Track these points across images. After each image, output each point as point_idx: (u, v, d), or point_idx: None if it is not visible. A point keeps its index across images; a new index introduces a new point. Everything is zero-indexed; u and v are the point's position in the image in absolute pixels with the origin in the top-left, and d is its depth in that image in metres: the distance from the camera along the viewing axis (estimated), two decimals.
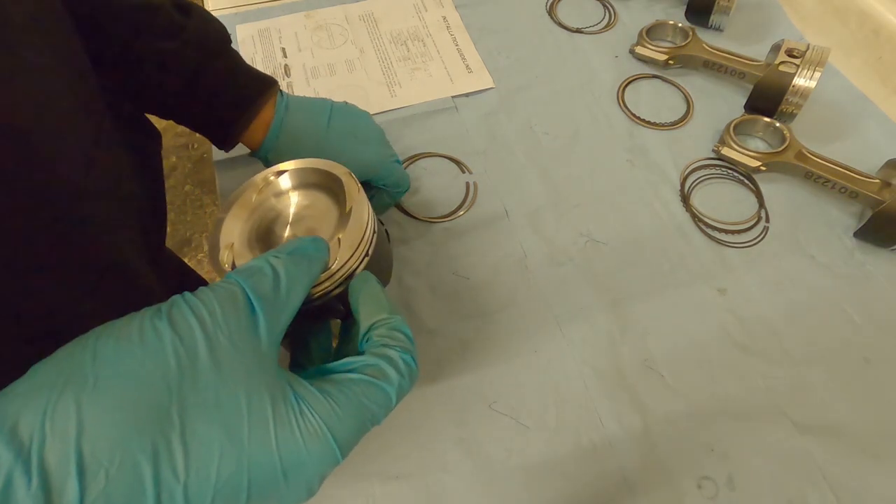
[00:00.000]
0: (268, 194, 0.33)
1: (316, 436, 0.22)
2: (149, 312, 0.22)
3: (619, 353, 0.46)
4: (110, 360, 0.21)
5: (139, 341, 0.21)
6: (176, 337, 0.21)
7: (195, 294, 0.23)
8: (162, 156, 0.46)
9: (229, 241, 0.30)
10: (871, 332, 0.47)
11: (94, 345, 0.21)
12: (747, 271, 0.50)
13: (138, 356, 0.21)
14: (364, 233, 0.30)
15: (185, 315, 0.22)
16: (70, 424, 0.19)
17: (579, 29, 0.69)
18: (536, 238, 0.52)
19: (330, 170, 0.32)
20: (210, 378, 0.21)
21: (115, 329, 0.22)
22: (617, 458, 0.41)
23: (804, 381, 0.45)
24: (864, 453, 0.42)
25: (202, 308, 0.22)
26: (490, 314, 0.47)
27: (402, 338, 0.27)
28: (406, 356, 0.26)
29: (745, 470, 0.41)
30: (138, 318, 0.22)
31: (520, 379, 0.44)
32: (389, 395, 0.25)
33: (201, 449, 0.21)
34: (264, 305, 0.24)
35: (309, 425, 0.22)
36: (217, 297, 0.23)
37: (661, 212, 0.54)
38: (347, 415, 0.23)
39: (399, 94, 0.62)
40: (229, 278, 0.24)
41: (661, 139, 0.59)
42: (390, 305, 0.29)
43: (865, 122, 0.60)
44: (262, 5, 0.70)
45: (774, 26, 0.69)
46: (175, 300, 0.23)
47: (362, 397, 0.24)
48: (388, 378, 0.25)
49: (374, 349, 0.26)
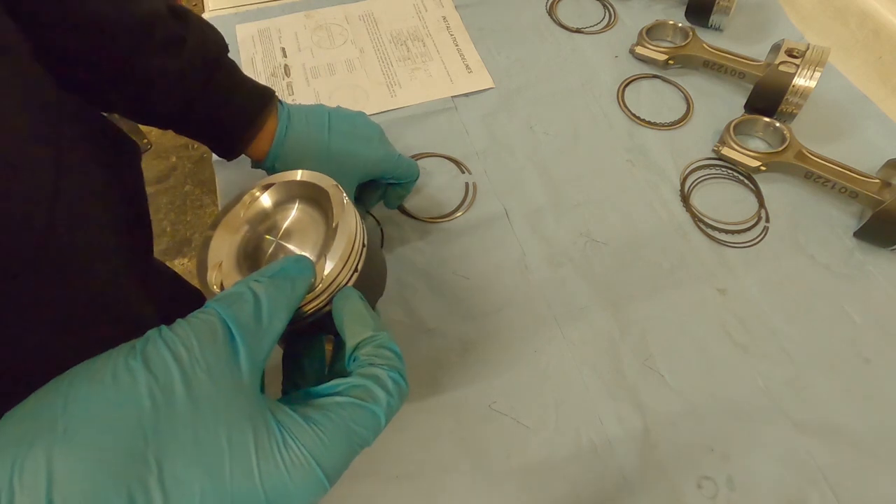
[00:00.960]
0: (256, 210, 0.32)
1: (301, 466, 0.22)
2: (123, 351, 0.22)
3: (619, 353, 0.46)
4: (82, 406, 0.20)
5: (112, 383, 0.20)
6: (150, 376, 0.21)
7: (172, 328, 0.23)
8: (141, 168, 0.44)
9: (217, 260, 0.30)
10: (871, 332, 0.47)
11: (66, 390, 0.20)
12: (747, 271, 0.50)
13: (111, 399, 0.20)
14: (352, 247, 0.30)
15: (161, 352, 0.21)
16: (40, 478, 0.18)
17: (579, 29, 0.69)
18: (536, 238, 0.52)
19: (317, 182, 0.32)
20: (187, 416, 0.21)
21: (89, 371, 0.21)
22: (617, 458, 0.41)
23: (804, 381, 0.45)
24: (864, 453, 0.42)
25: (178, 343, 0.22)
26: (490, 314, 0.47)
27: (390, 355, 0.26)
28: (394, 374, 0.26)
29: (745, 470, 0.41)
30: (113, 357, 0.21)
31: (520, 379, 0.44)
32: (378, 417, 0.24)
33: (181, 491, 0.20)
34: (244, 334, 0.23)
35: (293, 456, 0.22)
36: (194, 330, 0.22)
37: (661, 212, 0.54)
38: (334, 441, 0.23)
39: (399, 94, 0.62)
40: (208, 308, 0.24)
41: (661, 139, 0.59)
42: (375, 322, 0.28)
43: (865, 122, 0.60)
44: (262, 5, 0.70)
45: (774, 26, 0.69)
46: (150, 336, 0.22)
47: (349, 421, 0.24)
48: (376, 399, 0.25)
49: (361, 369, 0.25)
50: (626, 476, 0.41)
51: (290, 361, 0.31)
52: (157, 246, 1.50)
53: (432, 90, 0.62)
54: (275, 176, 0.33)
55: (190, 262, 1.50)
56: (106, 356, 0.22)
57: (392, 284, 0.49)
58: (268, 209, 0.32)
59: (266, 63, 0.64)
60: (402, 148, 0.57)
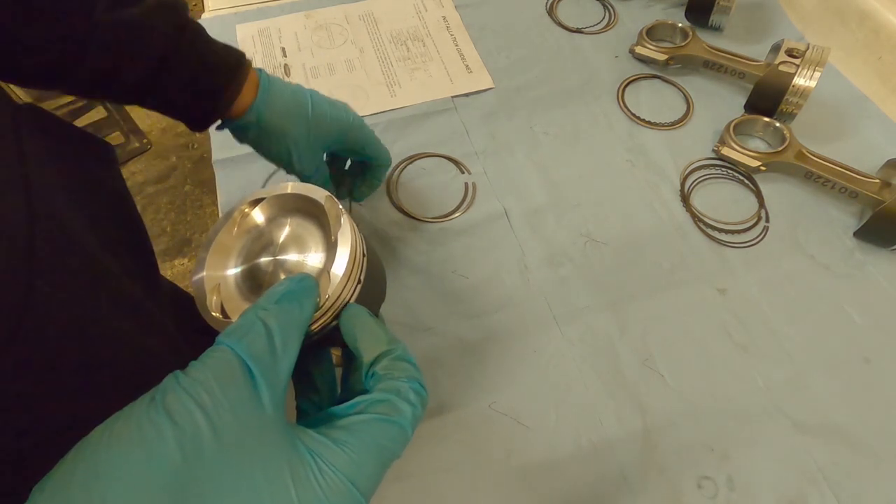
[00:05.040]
0: (248, 227, 0.31)
1: (338, 490, 0.22)
2: (143, 406, 0.21)
3: (619, 353, 0.46)
4: (114, 474, 0.20)
5: (139, 443, 0.20)
6: (177, 429, 0.21)
7: (188, 373, 0.22)
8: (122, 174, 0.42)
9: (214, 283, 0.29)
10: (871, 332, 0.47)
11: (93, 459, 0.20)
12: (747, 271, 0.50)
13: (142, 461, 0.20)
14: (354, 260, 0.29)
15: (183, 401, 0.21)
16: None
17: (579, 29, 0.69)
18: (536, 238, 0.52)
19: (310, 194, 0.31)
20: (221, 462, 0.21)
21: (113, 433, 0.21)
22: (617, 458, 0.41)
23: (804, 381, 0.45)
24: (864, 453, 0.42)
25: (199, 389, 0.21)
26: (489, 314, 0.47)
27: (407, 366, 0.26)
28: (414, 384, 0.26)
29: (745, 470, 0.41)
30: (135, 415, 0.21)
31: (520, 379, 0.44)
32: (405, 429, 0.25)
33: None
34: (261, 367, 0.23)
35: (330, 482, 0.22)
36: (212, 372, 0.22)
37: (661, 212, 0.54)
38: (366, 460, 0.23)
39: (399, 94, 0.62)
40: (221, 345, 0.23)
41: (661, 139, 0.59)
42: (388, 336, 0.28)
43: (865, 122, 0.60)
44: (262, 5, 0.70)
45: (774, 26, 0.69)
46: (169, 386, 0.22)
47: (378, 438, 0.24)
48: (401, 413, 0.25)
49: (381, 384, 0.26)
50: (626, 476, 0.41)
51: (301, 378, 0.30)
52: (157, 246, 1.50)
53: (432, 90, 0.62)
54: (263, 191, 0.32)
55: (190, 262, 1.50)
56: (126, 415, 0.21)
57: (392, 284, 0.48)
58: (261, 226, 0.31)
59: (266, 63, 0.64)
60: (402, 148, 0.57)
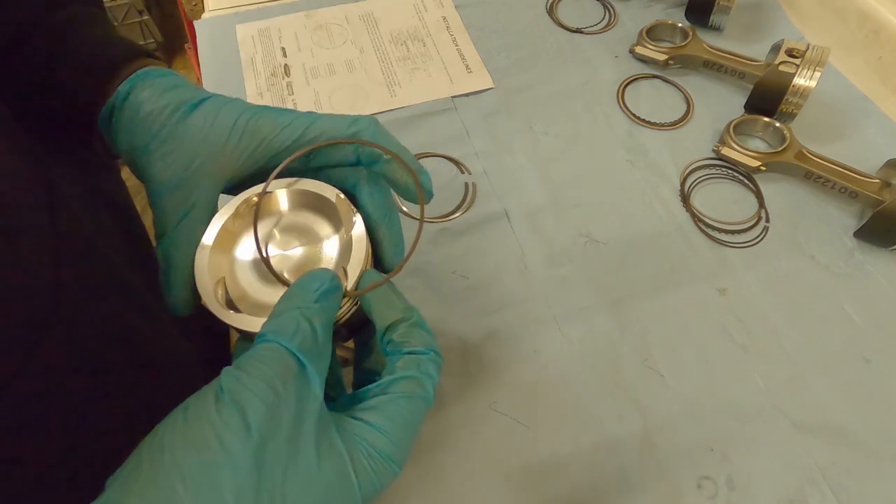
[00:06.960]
0: (249, 220, 0.31)
1: (385, 471, 0.24)
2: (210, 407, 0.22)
3: (619, 353, 0.46)
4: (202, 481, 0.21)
5: (220, 448, 0.21)
6: (252, 430, 0.21)
7: (245, 370, 0.23)
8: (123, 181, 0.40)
9: (219, 274, 0.29)
10: (871, 332, 0.47)
11: (176, 464, 0.21)
12: (747, 271, 0.50)
13: (223, 463, 0.21)
14: (367, 258, 0.30)
15: (251, 400, 0.22)
16: None
17: (579, 29, 0.69)
18: (536, 238, 0.52)
19: (318, 191, 0.31)
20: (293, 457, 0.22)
21: (187, 439, 0.21)
22: (617, 458, 0.41)
23: (804, 381, 0.45)
24: (864, 453, 0.42)
25: (264, 386, 0.22)
26: (490, 314, 0.47)
27: (423, 334, 0.28)
28: (430, 353, 0.27)
29: (745, 470, 0.41)
30: (203, 419, 0.22)
31: (520, 379, 0.44)
32: (429, 401, 0.27)
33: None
34: (315, 364, 0.24)
35: (378, 464, 0.24)
36: (272, 368, 0.23)
37: (661, 212, 0.54)
38: (402, 439, 0.25)
39: (399, 94, 0.62)
40: (269, 341, 0.24)
41: (661, 139, 0.59)
42: (403, 304, 0.29)
43: (865, 122, 0.60)
44: (262, 5, 0.70)
45: (774, 26, 0.69)
46: (230, 387, 0.22)
47: (408, 416, 0.26)
48: (423, 386, 0.26)
49: (401, 361, 0.27)
50: (626, 476, 0.41)
51: None
52: None
53: (432, 90, 0.62)
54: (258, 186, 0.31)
55: None
56: (194, 416, 0.22)
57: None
58: (266, 218, 0.31)
59: (266, 63, 0.64)
60: None
